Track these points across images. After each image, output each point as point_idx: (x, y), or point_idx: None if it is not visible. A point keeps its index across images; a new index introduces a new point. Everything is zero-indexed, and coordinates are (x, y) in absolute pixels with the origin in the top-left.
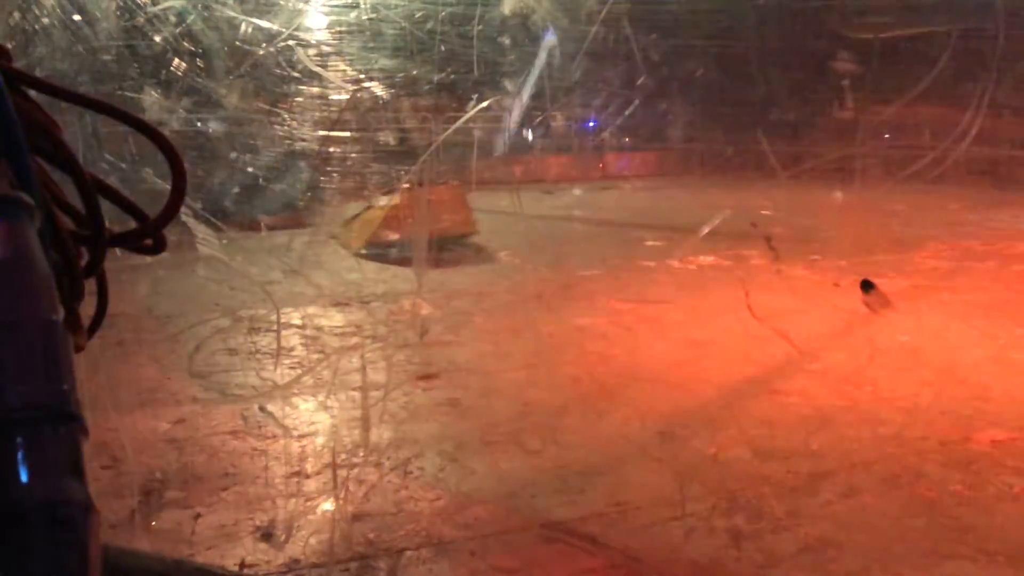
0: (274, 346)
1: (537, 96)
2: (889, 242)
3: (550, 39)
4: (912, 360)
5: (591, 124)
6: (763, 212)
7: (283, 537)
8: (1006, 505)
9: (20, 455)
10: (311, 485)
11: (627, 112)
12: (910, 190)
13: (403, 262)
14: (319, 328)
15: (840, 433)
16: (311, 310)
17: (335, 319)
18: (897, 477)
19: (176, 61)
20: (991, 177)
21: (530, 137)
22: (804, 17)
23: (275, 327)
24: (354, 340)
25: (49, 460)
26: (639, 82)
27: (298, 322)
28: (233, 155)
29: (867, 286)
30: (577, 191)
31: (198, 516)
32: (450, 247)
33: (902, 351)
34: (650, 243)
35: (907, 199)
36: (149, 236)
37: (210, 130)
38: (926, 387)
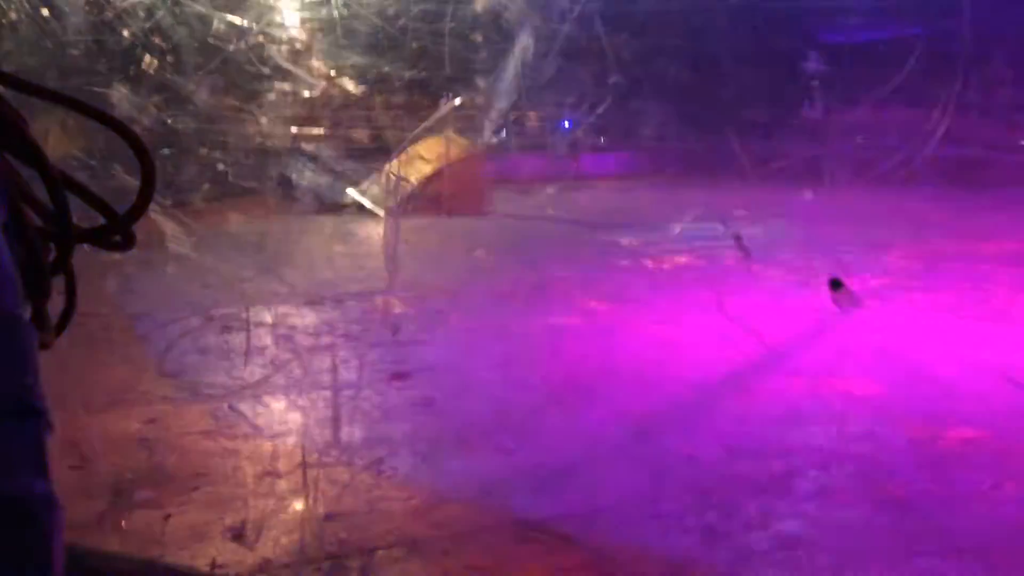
0: (246, 345)
1: (510, 94)
2: (860, 242)
3: (524, 38)
4: (882, 359)
5: (567, 124)
6: (737, 211)
7: (254, 537)
8: (975, 503)
9: None
10: (283, 485)
11: (599, 111)
12: (880, 190)
13: None
14: (292, 327)
15: (812, 431)
16: (283, 308)
17: (308, 318)
18: (868, 475)
19: (146, 57)
20: (959, 178)
21: (503, 135)
22: (775, 18)
23: (247, 326)
24: (327, 339)
25: (12, 455)
26: (611, 81)
27: (270, 321)
28: (203, 151)
29: (836, 285)
30: (551, 190)
31: (168, 516)
32: None
33: (873, 350)
34: (625, 242)
35: (877, 199)
36: (118, 233)
37: (179, 127)
38: (896, 385)
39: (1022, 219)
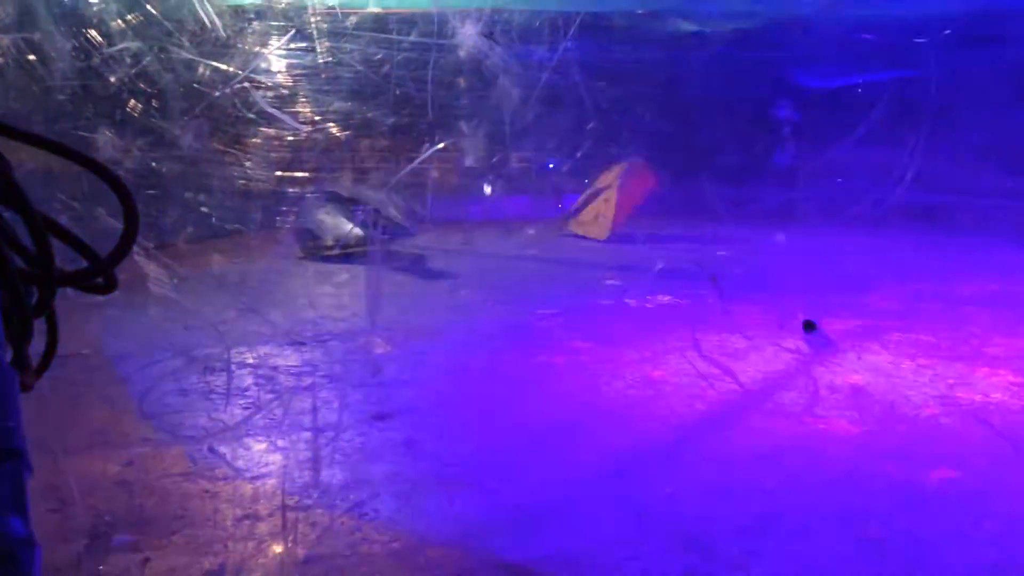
0: (227, 386)
1: (492, 138)
2: (838, 283)
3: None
4: (862, 399)
5: (550, 165)
6: (719, 253)
7: None
8: (955, 544)
9: None
10: (262, 528)
11: (577, 155)
12: (852, 232)
13: None
14: (273, 367)
15: (792, 472)
16: (265, 349)
17: (290, 358)
18: (848, 516)
19: (132, 102)
20: (930, 220)
21: (487, 178)
22: (747, 66)
23: (228, 367)
24: (308, 380)
25: None
26: (589, 127)
27: (252, 361)
28: (187, 194)
29: (809, 326)
30: (533, 231)
31: (147, 560)
32: None
33: (852, 390)
34: (608, 282)
35: (853, 241)
36: (100, 275)
37: (164, 170)
38: (874, 426)
39: (993, 261)
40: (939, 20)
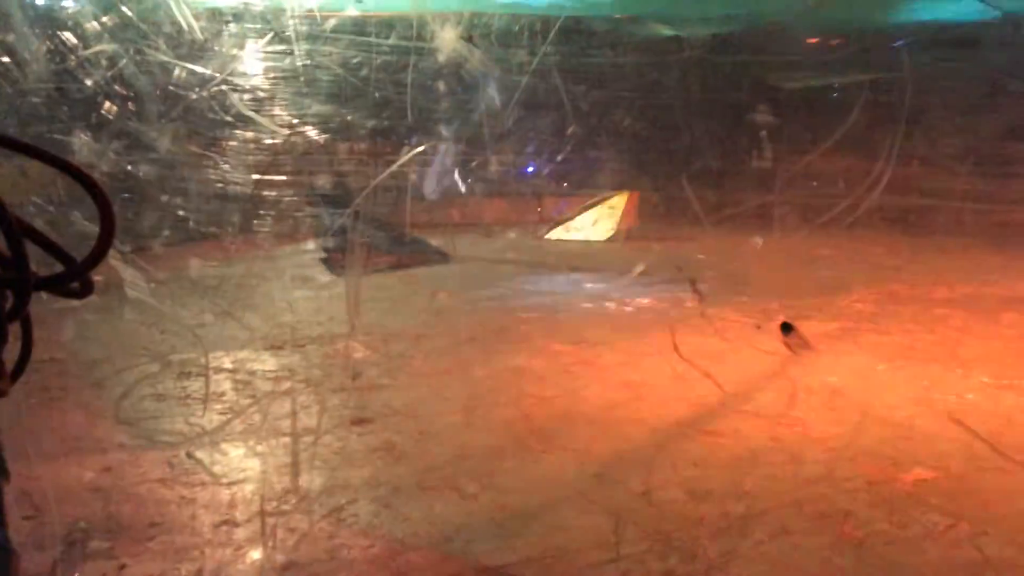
0: (204, 391)
1: (472, 142)
2: (814, 286)
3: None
4: (839, 401)
5: (529, 169)
6: (699, 256)
7: None
8: (930, 543)
9: None
10: (240, 534)
11: (557, 159)
12: (831, 236)
13: None
14: (251, 372)
15: (770, 473)
16: (243, 354)
17: (268, 363)
18: (826, 517)
19: (106, 104)
20: (903, 225)
21: (467, 181)
22: (725, 71)
23: (205, 372)
24: (287, 384)
25: None
26: (569, 131)
27: (229, 366)
28: (164, 197)
29: (786, 328)
30: (513, 234)
31: (123, 567)
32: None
33: (829, 392)
34: (588, 285)
35: (829, 244)
36: (76, 280)
37: (140, 173)
38: (852, 427)
39: (967, 264)
40: (912, 24)
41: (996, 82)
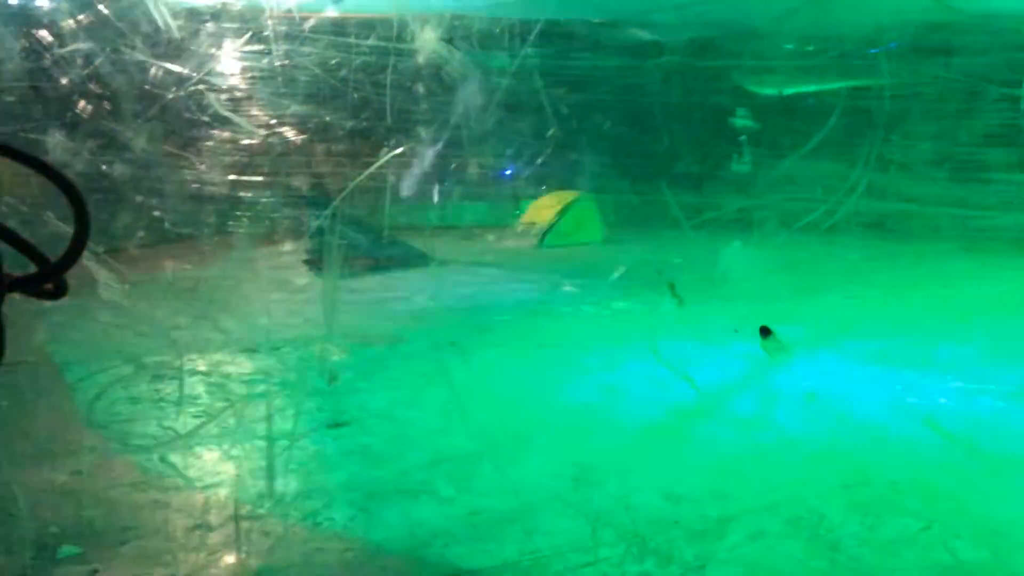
0: (178, 394)
1: (452, 144)
2: (790, 290)
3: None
4: (814, 404)
5: (507, 172)
6: (677, 260)
7: None
8: (904, 545)
9: None
10: (214, 538)
11: (538, 162)
12: (808, 241)
13: None
14: (226, 375)
15: (746, 476)
16: (218, 356)
17: (243, 365)
18: (801, 519)
19: (82, 103)
20: (880, 229)
21: (446, 183)
22: (706, 75)
23: (180, 374)
24: (262, 387)
25: None
26: (550, 133)
27: (204, 369)
28: (139, 197)
29: (765, 332)
30: (492, 237)
31: (95, 572)
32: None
33: (803, 395)
34: (566, 288)
35: (806, 249)
36: (50, 281)
37: (115, 173)
38: (826, 430)
39: (941, 269)
40: (892, 31)
41: (973, 88)
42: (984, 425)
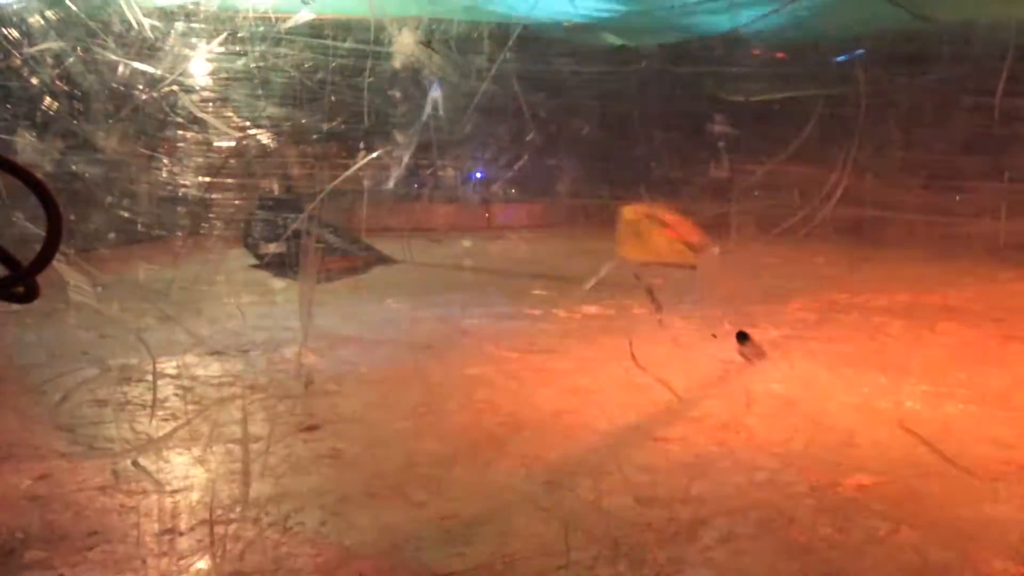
0: (146, 397)
1: (427, 148)
2: (762, 294)
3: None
4: (784, 408)
5: (477, 175)
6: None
7: None
8: (873, 547)
9: None
10: (184, 543)
11: (516, 166)
12: (781, 246)
13: None
14: (195, 378)
15: (718, 479)
16: (187, 359)
17: (213, 368)
18: (771, 522)
19: (51, 102)
20: (854, 235)
21: (418, 186)
22: (683, 81)
23: (148, 377)
24: (233, 390)
25: None
26: (528, 138)
27: (173, 372)
28: (110, 199)
29: (743, 337)
30: (466, 241)
31: None
32: None
33: (775, 399)
34: (537, 292)
35: (778, 254)
36: (21, 284)
37: (86, 174)
38: (797, 434)
39: (912, 273)
40: (867, 39)
41: (948, 97)
42: (950, 428)
